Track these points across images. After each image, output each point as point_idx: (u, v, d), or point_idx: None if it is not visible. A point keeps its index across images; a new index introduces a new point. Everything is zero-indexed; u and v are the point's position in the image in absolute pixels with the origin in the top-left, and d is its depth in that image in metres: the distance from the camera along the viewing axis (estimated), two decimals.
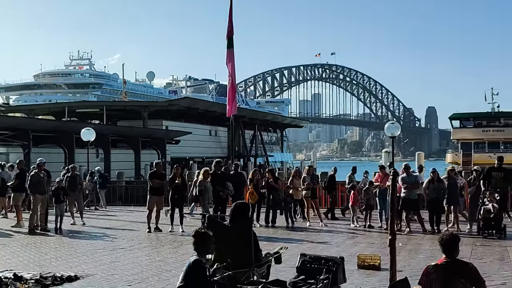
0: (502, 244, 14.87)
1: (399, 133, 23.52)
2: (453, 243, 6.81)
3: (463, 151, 61.83)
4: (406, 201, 17.43)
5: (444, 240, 6.81)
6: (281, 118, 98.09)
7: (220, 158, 24.14)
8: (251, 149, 74.50)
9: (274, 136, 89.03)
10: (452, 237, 6.87)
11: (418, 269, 10.51)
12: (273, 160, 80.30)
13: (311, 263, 8.13)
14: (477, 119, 65.78)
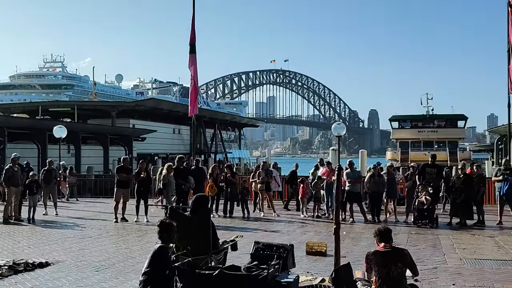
0: (434, 233, 15.15)
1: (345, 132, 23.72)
2: (388, 233, 6.97)
3: (401, 149, 62.80)
4: (350, 194, 17.62)
5: (381, 232, 6.96)
6: (239, 118, 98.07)
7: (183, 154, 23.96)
8: (211, 146, 74.31)
9: (232, 135, 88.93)
10: (386, 229, 7.02)
11: (360, 255, 10.66)
12: (232, 157, 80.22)
13: (264, 250, 8.14)
14: (414, 120, 66.93)
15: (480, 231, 15.48)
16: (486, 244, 13.27)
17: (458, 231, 15.56)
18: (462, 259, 11.24)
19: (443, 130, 63.87)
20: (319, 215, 18.79)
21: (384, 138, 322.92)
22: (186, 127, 65.34)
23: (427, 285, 8.74)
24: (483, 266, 10.51)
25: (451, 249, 12.43)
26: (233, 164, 41.93)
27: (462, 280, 9.23)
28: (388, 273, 6.65)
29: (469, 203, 17.04)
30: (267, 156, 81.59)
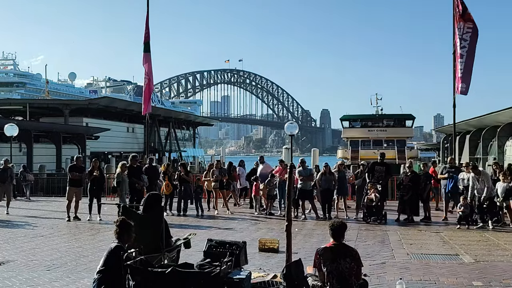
0: (383, 229, 15.42)
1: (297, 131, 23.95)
2: (342, 229, 7.02)
3: (352, 148, 63.71)
4: (302, 191, 17.76)
5: (335, 226, 7.00)
6: (194, 117, 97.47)
7: (137, 153, 23.71)
8: (165, 144, 73.70)
9: (187, 133, 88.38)
10: (341, 224, 7.07)
11: (311, 251, 10.71)
12: (186, 155, 79.78)
13: (217, 247, 8.11)
14: (364, 120, 67.98)
15: (427, 227, 15.84)
16: (432, 239, 13.59)
17: (406, 227, 15.88)
18: (409, 254, 11.47)
19: (391, 129, 65.08)
20: (272, 213, 18.87)
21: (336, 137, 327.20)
22: (140, 126, 64.65)
23: (376, 280, 8.89)
24: (429, 261, 10.75)
25: (398, 245, 12.67)
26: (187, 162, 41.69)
27: (409, 274, 9.42)
28: (338, 267, 6.72)
29: (416, 200, 17.42)
30: (221, 154, 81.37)
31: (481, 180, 15.66)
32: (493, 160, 23.76)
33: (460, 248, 12.21)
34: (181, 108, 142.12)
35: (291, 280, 6.82)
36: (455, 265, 10.31)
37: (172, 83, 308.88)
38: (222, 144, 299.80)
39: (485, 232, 14.66)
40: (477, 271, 9.68)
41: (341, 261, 6.75)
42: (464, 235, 14.17)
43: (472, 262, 10.63)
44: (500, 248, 12.22)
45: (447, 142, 64.54)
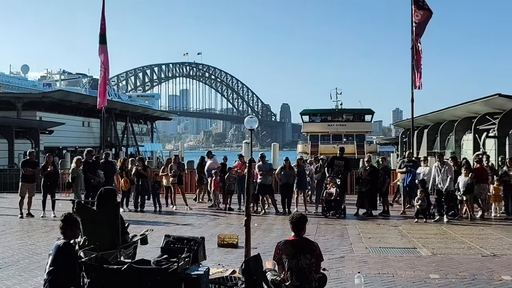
0: (342, 223, 15.61)
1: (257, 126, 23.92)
2: (302, 222, 7.06)
3: (312, 142, 64.15)
4: (262, 186, 17.81)
5: (295, 219, 7.04)
6: (152, 111, 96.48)
7: (93, 147, 23.33)
8: (122, 139, 72.79)
9: (144, 128, 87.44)
10: (301, 217, 7.11)
11: (271, 246, 10.78)
12: (144, 150, 78.95)
13: (175, 243, 8.07)
14: (324, 115, 68.55)
15: (385, 221, 16.11)
16: (390, 233, 13.83)
17: (365, 221, 16.13)
18: (368, 248, 11.65)
19: (351, 124, 65.83)
20: (231, 208, 18.87)
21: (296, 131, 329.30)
22: (96, 120, 63.64)
23: (334, 274, 8.99)
24: (387, 254, 10.94)
25: (357, 239, 12.84)
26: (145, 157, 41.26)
27: (367, 268, 9.56)
28: (297, 263, 6.77)
29: (375, 194, 17.71)
30: (180, 149, 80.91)
31: (443, 170, 15.98)
32: (451, 154, 24.28)
33: (418, 241, 12.46)
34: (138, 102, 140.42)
35: (250, 275, 6.84)
36: (412, 258, 10.52)
37: (129, 76, 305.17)
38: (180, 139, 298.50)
39: (442, 226, 15.01)
40: (434, 264, 9.90)
41: (301, 257, 6.80)
42: (421, 229, 14.46)
43: (429, 255, 10.86)
44: (456, 241, 12.52)
45: (405, 137, 65.52)
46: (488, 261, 10.19)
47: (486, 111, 37.98)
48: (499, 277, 8.83)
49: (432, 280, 8.66)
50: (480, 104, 37.57)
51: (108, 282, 6.15)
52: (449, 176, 15.91)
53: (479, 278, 8.80)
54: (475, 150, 33.87)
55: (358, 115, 67.88)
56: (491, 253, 10.95)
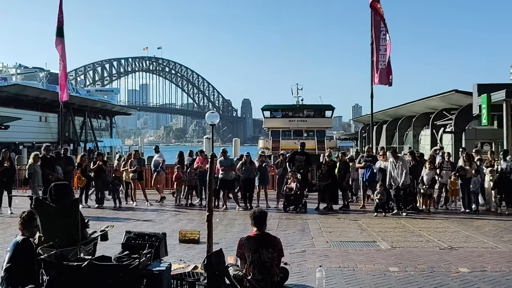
0: (303, 218, 15.73)
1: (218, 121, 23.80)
2: (263, 217, 7.12)
3: (273, 138, 64.33)
4: (223, 181, 17.80)
5: (256, 214, 7.08)
6: (111, 105, 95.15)
7: (51, 143, 22.93)
8: (81, 134, 71.68)
9: (103, 123, 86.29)
10: (262, 212, 7.16)
11: (233, 241, 10.82)
12: (103, 145, 77.93)
13: (136, 239, 8.02)
14: (285, 110, 68.83)
15: (345, 215, 16.30)
16: (350, 227, 14.00)
17: (325, 215, 16.29)
18: (328, 242, 11.77)
19: (311, 119, 66.28)
20: (192, 203, 18.81)
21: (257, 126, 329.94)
22: (54, 115, 62.49)
23: (296, 268, 9.06)
24: (348, 248, 11.08)
25: (318, 233, 12.97)
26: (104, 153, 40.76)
27: (328, 262, 9.66)
28: (260, 257, 6.81)
29: (335, 188, 17.90)
30: (140, 144, 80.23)
31: (398, 165, 16.25)
32: (409, 149, 24.72)
33: (377, 235, 12.65)
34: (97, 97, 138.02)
35: (212, 270, 6.85)
36: (372, 252, 10.68)
37: (88, 70, 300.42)
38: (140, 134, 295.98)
39: (400, 219, 15.27)
40: (393, 257, 10.07)
41: (263, 251, 6.85)
42: (381, 223, 14.69)
43: (389, 248, 11.04)
44: (415, 235, 12.76)
45: (365, 132, 66.45)
46: (446, 254, 10.42)
47: (443, 106, 38.82)
48: (456, 269, 9.04)
49: (392, 273, 8.81)
50: (438, 100, 38.39)
51: (68, 280, 6.06)
52: (404, 171, 16.18)
53: (437, 270, 8.99)
54: (432, 145, 34.58)
55: (319, 111, 68.38)
56: (448, 246, 11.20)
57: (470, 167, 17.20)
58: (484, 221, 15.10)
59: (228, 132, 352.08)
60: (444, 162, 17.88)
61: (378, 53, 22.37)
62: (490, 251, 10.79)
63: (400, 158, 16.70)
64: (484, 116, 28.02)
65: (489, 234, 12.86)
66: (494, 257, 10.13)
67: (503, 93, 25.89)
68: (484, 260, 9.78)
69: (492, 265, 9.37)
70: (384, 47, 22.30)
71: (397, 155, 16.77)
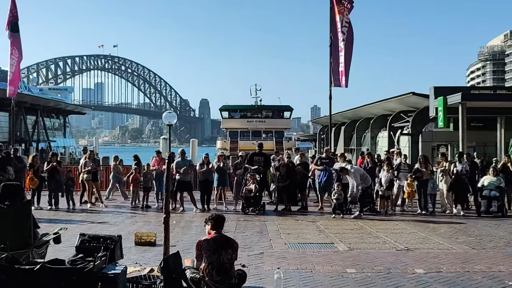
0: (261, 219, 15.79)
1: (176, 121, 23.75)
2: (221, 220, 7.14)
3: (231, 139, 64.25)
4: (181, 183, 17.70)
5: (215, 217, 7.11)
6: (64, 104, 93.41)
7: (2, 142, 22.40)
8: (33, 134, 70.17)
9: (57, 122, 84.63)
10: (220, 216, 7.19)
11: (190, 244, 10.79)
12: (56, 145, 76.43)
13: (90, 242, 7.92)
14: (243, 111, 68.87)
15: (304, 217, 16.44)
16: (308, 228, 14.13)
17: (284, 217, 16.38)
18: (286, 243, 11.85)
19: (270, 120, 66.49)
20: (148, 205, 18.66)
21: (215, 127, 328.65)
22: (5, 114, 60.93)
23: (254, 270, 9.09)
24: (306, 250, 11.18)
25: (276, 235, 13.04)
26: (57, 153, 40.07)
27: (286, 263, 9.73)
28: (219, 258, 6.82)
29: (293, 190, 18.02)
30: (94, 145, 78.98)
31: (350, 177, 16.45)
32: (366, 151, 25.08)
33: (335, 236, 12.81)
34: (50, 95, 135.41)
35: (169, 273, 6.82)
36: (330, 253, 10.80)
37: (40, 68, 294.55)
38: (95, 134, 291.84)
39: (358, 221, 15.49)
40: (351, 259, 10.21)
41: (222, 252, 6.87)
42: (338, 224, 14.88)
43: (346, 250, 11.19)
44: (372, 236, 12.96)
45: (323, 133, 67.09)
46: (402, 255, 10.62)
47: (400, 109, 39.48)
48: (413, 271, 9.23)
49: (349, 275, 8.93)
50: (395, 102, 39.03)
51: (20, 284, 5.95)
52: (354, 183, 16.35)
53: (393, 271, 9.16)
54: (390, 147, 35.15)
55: (277, 112, 68.66)
56: (405, 247, 11.42)
57: (426, 169, 17.60)
58: (440, 223, 15.46)
59: (186, 133, 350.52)
60: (401, 164, 18.25)
61: (336, 55, 22.61)
62: (445, 252, 11.04)
63: (350, 162, 16.91)
64: (441, 119, 28.59)
65: (444, 236, 13.18)
66: (449, 258, 10.38)
67: (459, 96, 26.48)
68: (440, 261, 10.01)
69: (447, 266, 9.61)
70: (340, 47, 22.53)
71: (346, 170, 16.67)
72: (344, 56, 22.43)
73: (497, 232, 13.90)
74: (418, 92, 34.57)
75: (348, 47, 22.63)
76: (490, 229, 14.32)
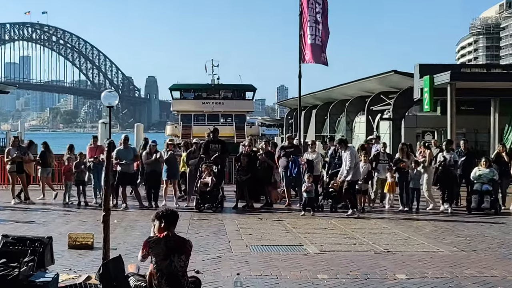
0: (219, 218, 15.82)
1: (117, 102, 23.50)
2: (174, 218, 7.09)
3: (183, 123, 63.99)
4: (123, 175, 17.52)
5: (165, 215, 7.04)
6: None
7: None
8: None
9: None
10: (171, 213, 7.12)
11: (134, 247, 10.77)
12: None
13: (15, 244, 7.82)
14: (197, 91, 68.59)
15: (268, 214, 16.51)
16: (274, 228, 14.21)
17: (245, 215, 16.46)
18: (248, 246, 11.90)
19: (229, 102, 66.39)
20: (86, 202, 18.46)
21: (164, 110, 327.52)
22: None
23: (210, 277, 9.10)
24: (271, 253, 11.24)
25: (236, 235, 13.09)
26: None
27: (247, 269, 9.77)
28: (170, 265, 6.79)
29: (256, 184, 18.02)
30: (19, 130, 77.69)
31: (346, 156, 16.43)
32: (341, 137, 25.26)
33: (305, 237, 12.92)
34: None
35: (109, 281, 6.79)
36: (299, 257, 10.89)
37: None
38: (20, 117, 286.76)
39: (331, 219, 15.63)
40: (322, 263, 10.31)
41: (175, 258, 6.84)
42: (309, 223, 15.00)
43: (318, 252, 11.31)
44: (347, 237, 13.11)
45: (291, 118, 67.40)
46: (382, 258, 10.78)
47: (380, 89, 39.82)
48: (393, 276, 9.37)
49: (321, 281, 9.02)
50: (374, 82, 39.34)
51: None
52: (348, 165, 16.39)
53: (371, 277, 9.28)
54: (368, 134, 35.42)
55: (238, 92, 68.64)
56: (384, 250, 11.59)
57: (408, 159, 17.74)
58: (425, 221, 15.74)
59: (129, 116, 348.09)
60: (380, 154, 18.36)
61: (308, 26, 22.51)
62: (431, 254, 11.25)
63: (349, 148, 16.85)
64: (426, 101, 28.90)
65: (430, 236, 13.42)
66: (435, 261, 10.58)
67: (448, 75, 26.69)
68: (424, 265, 10.19)
69: (433, 270, 9.78)
70: (314, 18, 22.42)
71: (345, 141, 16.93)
72: (322, 29, 22.33)
73: (490, 231, 14.21)
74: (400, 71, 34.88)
75: (324, 20, 22.58)
76: (482, 228, 14.63)
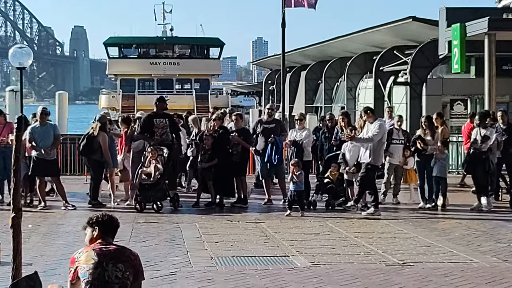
0: (173, 220, 15.79)
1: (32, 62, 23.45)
2: (113, 225, 7.06)
3: (124, 92, 63.10)
4: (40, 163, 17.36)
5: (100, 221, 7.00)
6: None
7: None
8: None
9: None
10: (108, 219, 7.08)
11: (57, 260, 10.79)
12: None
13: None
14: (143, 46, 67.90)
15: (241, 215, 16.56)
16: (248, 233, 14.23)
17: (209, 216, 16.43)
18: (213, 258, 11.91)
19: (188, 61, 65.92)
20: None
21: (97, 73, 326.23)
22: None
23: None
24: (244, 267, 11.26)
25: (197, 244, 13.10)
26: None
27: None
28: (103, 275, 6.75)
29: (226, 173, 17.99)
30: None
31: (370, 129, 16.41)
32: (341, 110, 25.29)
33: (291, 245, 12.94)
34: None
35: None
36: (283, 272, 10.91)
37: None
38: None
39: (327, 221, 15.64)
40: (315, 280, 10.35)
41: (108, 266, 6.79)
42: (296, 226, 15.03)
43: (308, 266, 11.33)
44: (348, 244, 13.16)
45: (272, 83, 67.26)
46: (396, 273, 10.84)
47: (394, 43, 39.73)
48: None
49: None
50: (386, 33, 39.19)
51: None
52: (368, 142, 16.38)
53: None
54: (377, 104, 35.41)
55: (200, 49, 68.22)
56: (399, 261, 11.64)
57: (432, 137, 17.68)
58: (453, 222, 15.80)
59: (49, 82, 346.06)
60: (394, 132, 18.29)
61: None
62: (461, 267, 11.32)
63: (378, 119, 16.80)
64: (456, 59, 28.78)
65: (460, 242, 13.48)
66: (467, 276, 10.66)
67: (485, 22, 26.35)
68: (453, 282, 10.28)
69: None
70: None
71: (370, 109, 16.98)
72: None
73: None
74: (421, 17, 34.75)
75: None
76: None
